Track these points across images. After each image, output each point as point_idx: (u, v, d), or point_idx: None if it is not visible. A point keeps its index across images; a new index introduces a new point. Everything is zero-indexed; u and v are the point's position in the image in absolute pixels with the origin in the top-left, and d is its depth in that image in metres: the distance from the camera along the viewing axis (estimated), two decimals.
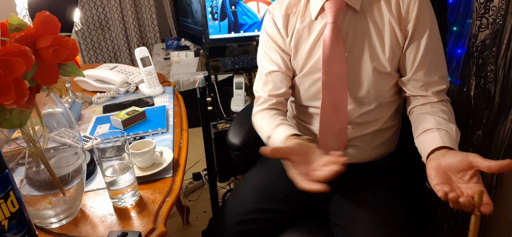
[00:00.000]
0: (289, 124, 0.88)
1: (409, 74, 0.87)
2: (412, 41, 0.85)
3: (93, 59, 2.84)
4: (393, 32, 0.85)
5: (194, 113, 1.46)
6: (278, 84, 0.94)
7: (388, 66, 0.86)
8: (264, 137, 0.91)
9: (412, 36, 0.84)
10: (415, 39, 0.84)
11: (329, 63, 0.86)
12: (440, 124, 0.78)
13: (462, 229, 1.28)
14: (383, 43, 0.85)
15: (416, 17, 0.83)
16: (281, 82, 0.94)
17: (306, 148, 0.77)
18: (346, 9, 0.86)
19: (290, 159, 0.74)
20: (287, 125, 0.87)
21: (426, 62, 0.85)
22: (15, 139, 0.67)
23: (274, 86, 0.95)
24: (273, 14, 0.96)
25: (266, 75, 0.96)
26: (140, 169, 0.85)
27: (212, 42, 1.60)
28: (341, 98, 0.88)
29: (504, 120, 1.05)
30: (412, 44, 0.85)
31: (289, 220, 0.95)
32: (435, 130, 0.77)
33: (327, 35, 0.85)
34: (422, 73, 0.85)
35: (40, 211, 0.69)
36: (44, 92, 0.63)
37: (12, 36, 0.55)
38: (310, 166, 0.74)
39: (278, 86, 0.94)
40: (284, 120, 0.90)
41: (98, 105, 1.26)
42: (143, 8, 2.75)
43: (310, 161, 0.75)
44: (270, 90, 0.95)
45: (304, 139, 0.80)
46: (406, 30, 0.84)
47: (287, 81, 0.95)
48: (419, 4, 0.83)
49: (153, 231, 0.69)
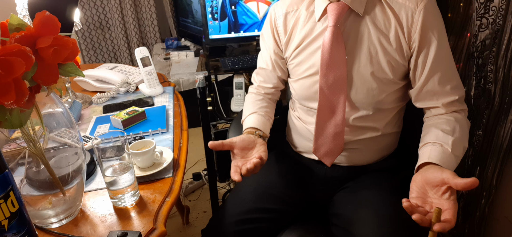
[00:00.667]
0: (261, 114, 0.99)
1: (419, 84, 0.84)
2: (420, 51, 0.82)
3: (93, 59, 2.84)
4: (397, 40, 0.82)
5: (194, 113, 1.46)
6: (266, 79, 1.06)
7: (389, 73, 0.84)
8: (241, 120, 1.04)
9: (419, 46, 0.81)
10: (423, 49, 0.81)
11: (328, 66, 0.85)
12: (437, 138, 0.79)
13: (461, 229, 1.28)
14: (385, 50, 0.83)
15: (421, 26, 0.80)
16: (268, 79, 1.05)
17: (247, 144, 0.87)
18: (349, 13, 0.85)
19: (232, 151, 0.86)
20: (256, 115, 0.98)
21: (437, 72, 0.82)
22: (15, 139, 0.67)
23: (263, 79, 1.06)
24: (275, 12, 0.97)
25: (258, 67, 1.08)
26: (140, 169, 0.85)
27: (212, 42, 1.60)
28: (338, 102, 0.87)
29: (504, 120, 1.05)
30: (421, 54, 0.82)
31: (289, 219, 0.95)
32: (431, 144, 0.79)
33: (327, 38, 0.84)
34: (432, 83, 0.83)
35: (40, 211, 0.69)
36: (44, 92, 0.63)
37: (12, 36, 0.55)
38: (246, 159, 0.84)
39: (266, 81, 1.06)
40: (261, 108, 1.01)
41: (98, 105, 1.26)
42: (143, 8, 2.75)
43: (248, 155, 0.86)
44: (260, 82, 1.08)
45: (256, 134, 0.91)
46: (412, 39, 0.82)
47: (274, 78, 1.04)
48: (425, 12, 0.79)
49: (153, 231, 0.69)
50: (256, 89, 1.08)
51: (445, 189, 0.68)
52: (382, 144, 0.95)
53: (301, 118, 0.99)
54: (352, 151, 0.93)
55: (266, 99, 1.06)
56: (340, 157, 0.94)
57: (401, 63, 0.84)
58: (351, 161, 0.95)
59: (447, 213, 0.66)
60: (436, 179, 0.69)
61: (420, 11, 0.80)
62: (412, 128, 0.94)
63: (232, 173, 0.80)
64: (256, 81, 1.09)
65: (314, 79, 0.90)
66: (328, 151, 0.93)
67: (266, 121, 0.99)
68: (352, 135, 0.91)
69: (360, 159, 0.94)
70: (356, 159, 0.94)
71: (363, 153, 0.94)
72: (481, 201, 1.18)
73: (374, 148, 0.94)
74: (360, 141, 0.92)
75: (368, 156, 0.95)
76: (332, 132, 0.90)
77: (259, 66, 1.07)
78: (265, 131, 0.96)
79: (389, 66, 0.84)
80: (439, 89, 0.83)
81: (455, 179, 0.66)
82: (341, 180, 0.97)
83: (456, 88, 0.84)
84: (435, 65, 0.82)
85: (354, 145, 0.93)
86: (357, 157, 0.94)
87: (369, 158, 0.95)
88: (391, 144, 0.97)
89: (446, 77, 0.83)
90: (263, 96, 1.06)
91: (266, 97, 1.06)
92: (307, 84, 0.92)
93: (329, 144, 0.91)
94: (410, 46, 0.83)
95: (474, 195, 1.21)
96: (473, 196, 1.21)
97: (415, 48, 0.82)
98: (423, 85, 0.84)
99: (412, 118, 0.95)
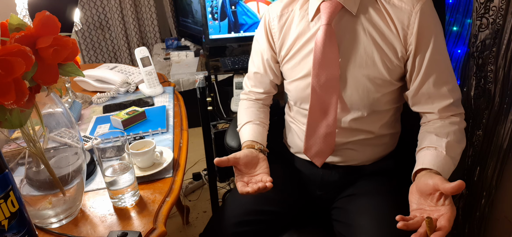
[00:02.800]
0: (256, 123, 0.98)
1: (414, 86, 0.84)
2: (417, 53, 0.81)
3: (93, 59, 2.84)
4: (393, 41, 0.81)
5: (194, 113, 1.46)
6: (257, 84, 1.04)
7: (385, 73, 0.83)
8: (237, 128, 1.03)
9: (416, 49, 0.80)
10: (419, 51, 0.80)
11: (320, 66, 0.84)
12: (431, 141, 0.79)
13: (461, 229, 1.28)
14: (380, 50, 0.82)
15: (418, 29, 0.79)
16: (260, 83, 1.04)
17: (250, 159, 0.87)
18: (343, 12, 0.84)
19: (236, 167, 0.85)
20: (251, 125, 0.97)
21: (432, 74, 0.81)
22: (15, 139, 0.67)
23: (255, 84, 1.05)
24: (269, 14, 0.96)
25: (249, 72, 1.06)
26: (140, 169, 0.85)
27: (212, 42, 1.60)
28: (330, 102, 0.86)
29: (504, 120, 1.05)
30: (417, 56, 0.81)
31: (287, 221, 0.95)
32: (425, 149, 0.79)
33: (319, 37, 0.83)
34: (428, 86, 0.82)
35: (40, 211, 0.69)
36: (44, 92, 0.63)
37: (12, 36, 0.55)
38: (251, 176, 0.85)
39: (257, 85, 1.04)
40: (256, 116, 1.00)
41: (98, 105, 1.26)
42: (143, 8, 2.75)
43: (252, 172, 0.86)
44: (251, 86, 1.06)
45: (256, 148, 0.90)
46: (408, 42, 0.81)
47: (266, 83, 1.03)
48: (421, 13, 0.78)
49: (153, 231, 0.69)
50: (247, 95, 1.07)
51: (439, 196, 0.68)
52: (378, 145, 0.94)
53: (296, 120, 0.98)
54: (346, 151, 0.93)
55: (258, 105, 1.04)
56: (334, 157, 0.94)
57: (397, 64, 0.83)
58: (346, 161, 0.94)
59: (442, 219, 0.66)
60: (427, 187, 0.70)
61: (417, 13, 0.79)
62: (411, 129, 0.93)
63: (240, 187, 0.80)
64: (248, 86, 1.07)
65: (308, 80, 0.88)
66: (318, 151, 0.92)
67: (262, 130, 0.98)
68: (345, 137, 0.91)
69: (354, 159, 0.94)
70: (351, 159, 0.94)
71: (358, 154, 0.93)
72: (481, 201, 1.18)
73: (369, 149, 0.93)
74: (354, 143, 0.91)
75: (363, 156, 0.94)
76: (323, 132, 0.89)
77: (250, 71, 1.05)
78: (263, 143, 0.95)
79: (385, 67, 0.83)
80: (435, 91, 0.82)
81: (443, 184, 0.66)
82: (337, 181, 0.97)
83: (452, 91, 0.83)
84: (431, 67, 0.81)
85: (348, 146, 0.92)
86: (352, 157, 0.94)
87: (365, 159, 0.94)
88: (387, 145, 0.96)
89: (441, 79, 0.82)
90: (255, 102, 1.05)
91: (258, 102, 1.05)
92: (301, 86, 0.91)
93: (320, 144, 0.91)
94: (407, 48, 0.82)
95: (474, 195, 1.21)
96: (473, 196, 1.21)
97: (412, 50, 0.81)
98: (419, 87, 0.83)
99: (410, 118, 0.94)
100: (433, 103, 0.83)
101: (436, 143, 0.78)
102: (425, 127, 0.85)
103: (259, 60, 1.01)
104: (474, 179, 1.19)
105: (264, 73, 1.01)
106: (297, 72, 0.91)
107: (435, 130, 0.81)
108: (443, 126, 0.82)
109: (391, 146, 0.98)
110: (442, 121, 0.83)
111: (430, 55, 0.80)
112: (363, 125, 0.89)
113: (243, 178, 0.84)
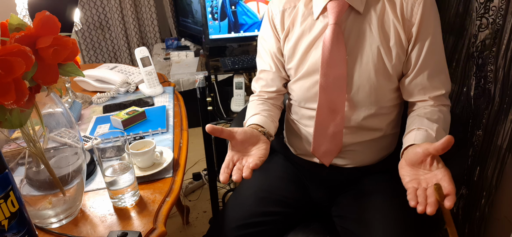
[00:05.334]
0: (265, 116, 0.92)
1: (410, 76, 0.85)
2: (415, 44, 0.83)
3: (93, 59, 2.84)
4: (397, 35, 0.83)
5: (194, 113, 1.46)
6: (269, 82, 1.00)
7: (391, 69, 0.84)
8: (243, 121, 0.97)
9: (416, 39, 0.83)
10: (418, 42, 0.83)
11: (328, 65, 0.85)
12: (422, 124, 0.80)
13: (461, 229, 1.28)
14: (387, 46, 0.83)
15: (420, 19, 0.81)
16: (272, 81, 0.99)
17: (249, 137, 0.80)
18: (349, 10, 0.85)
19: (231, 142, 0.80)
20: (260, 116, 0.92)
21: (428, 66, 0.84)
22: (15, 139, 0.67)
23: (266, 84, 1.00)
24: (271, 10, 0.95)
25: (259, 72, 1.02)
26: (140, 169, 0.85)
27: (212, 42, 1.60)
28: (338, 101, 0.87)
29: (504, 120, 1.05)
30: (415, 46, 0.83)
31: (291, 222, 0.94)
32: (415, 129, 0.80)
33: (328, 37, 0.84)
34: (423, 77, 0.84)
35: (40, 211, 0.69)
36: (44, 92, 0.63)
37: (12, 36, 0.55)
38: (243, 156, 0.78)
39: (269, 84, 1.00)
40: (266, 111, 0.95)
41: (98, 105, 1.26)
42: (143, 8, 2.75)
43: (247, 150, 0.80)
44: (262, 86, 1.01)
45: (260, 131, 0.84)
46: (410, 33, 0.83)
47: (278, 80, 0.99)
48: (424, 5, 0.81)
49: (153, 231, 0.69)
50: (258, 95, 1.02)
51: (431, 160, 0.69)
52: (383, 145, 0.95)
53: (299, 121, 0.98)
54: (352, 153, 0.93)
55: (268, 103, 0.99)
56: (340, 159, 0.94)
57: (402, 57, 0.85)
58: (351, 163, 0.94)
59: (444, 182, 0.66)
60: (417, 155, 0.70)
61: (420, 4, 0.81)
62: None
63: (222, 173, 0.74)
64: (257, 88, 1.02)
65: (314, 79, 0.89)
66: (326, 151, 0.92)
67: (270, 123, 0.92)
68: (353, 137, 0.91)
69: (360, 160, 0.94)
70: (356, 161, 0.94)
71: (364, 155, 0.94)
72: (481, 201, 1.18)
73: (375, 149, 0.94)
74: (361, 143, 0.92)
75: (369, 157, 0.94)
76: (331, 131, 0.90)
77: (260, 70, 1.01)
78: (269, 130, 0.89)
79: (391, 63, 0.84)
80: (428, 82, 0.85)
81: (432, 146, 0.67)
82: (341, 182, 0.97)
83: (444, 82, 0.86)
84: (428, 58, 0.83)
85: (355, 147, 0.92)
86: (358, 159, 0.94)
87: (370, 159, 0.95)
88: (390, 145, 0.97)
89: (436, 70, 0.85)
90: (266, 101, 1.00)
91: (269, 102, 1.00)
92: (306, 85, 0.91)
93: (328, 144, 0.91)
94: (409, 39, 0.84)
95: (474, 195, 1.21)
96: (473, 196, 1.21)
97: (412, 40, 0.83)
98: (414, 77, 0.85)
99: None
100: (425, 94, 0.86)
101: (427, 126, 0.79)
102: (416, 112, 0.86)
103: (268, 58, 0.98)
104: (474, 179, 1.19)
105: (276, 69, 0.97)
106: (301, 69, 0.91)
107: (426, 114, 0.82)
108: (433, 112, 0.83)
109: (393, 146, 0.99)
110: (432, 107, 0.85)
111: (429, 46, 0.82)
112: (372, 124, 0.90)
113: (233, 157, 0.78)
